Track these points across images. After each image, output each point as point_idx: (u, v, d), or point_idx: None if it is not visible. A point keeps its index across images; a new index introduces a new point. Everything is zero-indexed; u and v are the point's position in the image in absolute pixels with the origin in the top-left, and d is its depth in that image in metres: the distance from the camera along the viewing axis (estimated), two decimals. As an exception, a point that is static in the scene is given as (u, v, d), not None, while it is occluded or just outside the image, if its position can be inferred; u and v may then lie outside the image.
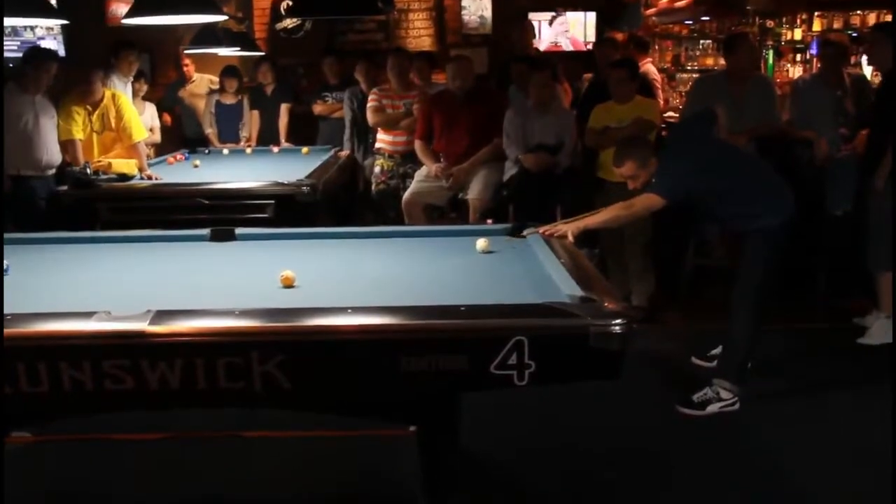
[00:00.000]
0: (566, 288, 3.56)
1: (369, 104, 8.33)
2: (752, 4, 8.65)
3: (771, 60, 9.05)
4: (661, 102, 8.26)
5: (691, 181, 4.80)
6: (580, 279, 3.65)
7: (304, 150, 9.13)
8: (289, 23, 11.90)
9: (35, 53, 7.42)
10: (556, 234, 4.52)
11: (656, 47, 10.19)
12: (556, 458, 4.47)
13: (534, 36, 11.17)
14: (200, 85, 10.36)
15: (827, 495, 4.09)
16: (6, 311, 3.38)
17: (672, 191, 4.78)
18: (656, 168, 4.87)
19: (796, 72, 8.87)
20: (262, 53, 10.51)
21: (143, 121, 8.03)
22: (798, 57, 9.08)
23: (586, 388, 3.39)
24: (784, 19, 8.94)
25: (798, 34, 9.03)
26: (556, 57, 10.70)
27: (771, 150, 6.31)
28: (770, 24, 8.95)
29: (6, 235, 5.07)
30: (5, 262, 4.21)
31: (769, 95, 6.84)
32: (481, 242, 4.32)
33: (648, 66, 8.77)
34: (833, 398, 5.18)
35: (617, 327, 3.17)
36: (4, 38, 11.09)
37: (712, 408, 4.93)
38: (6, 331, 3.25)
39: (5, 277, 4.11)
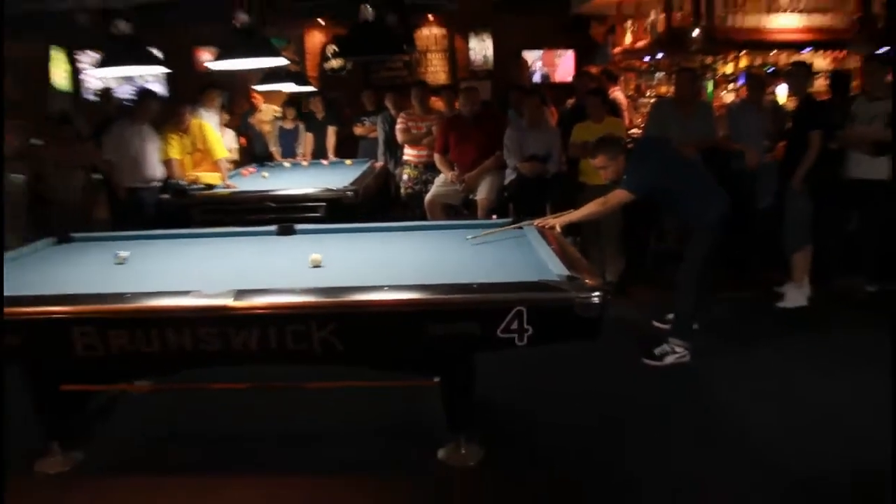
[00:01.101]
0: (556, 268, 3.58)
1: (398, 126, 8.33)
2: (694, 45, 8.62)
3: (710, 89, 9.01)
4: (627, 122, 8.23)
5: (653, 179, 4.79)
6: (566, 261, 3.67)
7: (348, 162, 9.13)
8: (334, 63, 11.94)
9: (139, 93, 7.47)
10: (548, 226, 4.53)
11: (622, 78, 10.14)
12: (549, 401, 4.48)
13: (528, 70, 11.16)
14: (267, 113, 10.36)
15: (756, 420, 4.13)
16: (129, 290, 3.44)
17: (638, 187, 4.77)
18: (623, 164, 4.85)
19: (729, 97, 8.82)
20: (314, 88, 10.50)
21: (225, 143, 8.03)
22: (730, 86, 9.05)
23: (572, 347, 3.41)
24: (719, 56, 8.91)
25: (730, 68, 9.01)
26: (544, 86, 10.69)
27: (713, 159, 6.30)
28: (708, 60, 8.91)
29: (127, 232, 5.15)
30: (126, 252, 4.27)
31: (709, 116, 6.85)
32: (314, 257, 4.07)
33: (617, 93, 8.73)
34: (761, 347, 5.19)
35: (596, 299, 3.21)
36: (124, 85, 11.22)
37: (669, 359, 4.93)
38: (129, 305, 3.31)
39: (126, 265, 4.16)
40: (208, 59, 5.97)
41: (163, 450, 4.03)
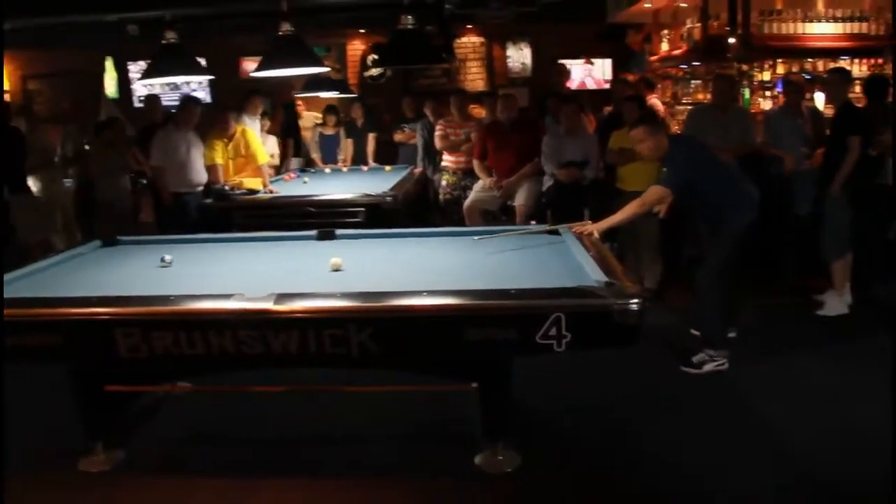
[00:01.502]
0: (594, 274, 3.50)
1: (437, 132, 8.28)
2: (731, 52, 8.48)
3: (747, 95, 8.85)
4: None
5: (687, 173, 4.65)
6: (604, 267, 3.59)
7: (387, 168, 9.10)
8: (374, 71, 11.93)
9: (183, 100, 7.53)
10: (585, 233, 4.43)
11: (659, 85, 10.01)
12: (586, 406, 4.40)
13: (568, 77, 11.05)
14: (308, 120, 10.40)
15: (794, 430, 4.01)
16: (172, 292, 3.42)
17: (675, 182, 4.64)
18: (661, 144, 4.74)
19: (766, 104, 8.66)
20: (355, 95, 10.50)
21: (267, 149, 8.04)
22: (767, 93, 8.89)
23: (610, 352, 3.33)
24: (755, 64, 8.76)
25: (767, 75, 8.86)
26: (583, 93, 10.58)
27: (750, 164, 6.18)
28: (745, 67, 8.75)
29: (171, 236, 5.16)
30: (169, 256, 4.26)
31: (747, 121, 6.74)
32: (334, 261, 4.02)
33: (654, 101, 8.61)
34: (801, 356, 5.06)
35: (634, 305, 3.13)
36: (170, 91, 11.35)
37: (708, 367, 4.80)
38: (172, 308, 3.28)
39: (170, 268, 4.15)
40: (252, 69, 5.96)
41: (203, 450, 4.01)
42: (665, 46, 10.14)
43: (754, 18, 8.41)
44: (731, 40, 8.35)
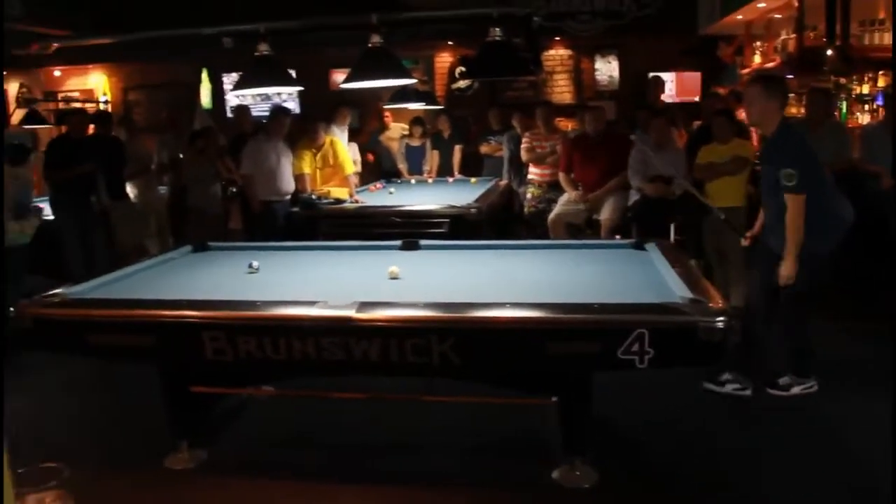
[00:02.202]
0: (679, 291, 3.44)
1: (523, 145, 8.28)
2: (827, 65, 8.20)
3: (844, 109, 8.56)
4: (755, 143, 7.91)
5: (804, 170, 4.35)
6: (690, 284, 3.52)
7: (473, 180, 9.12)
8: (462, 84, 11.97)
9: (274, 111, 7.69)
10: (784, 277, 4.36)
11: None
12: (666, 423, 4.31)
13: (662, 91, 10.91)
14: (395, 131, 10.52)
15: (878, 454, 3.70)
16: (258, 298, 3.50)
17: (800, 186, 4.33)
18: (771, 112, 4.46)
19: (864, 119, 8.35)
20: (441, 107, 10.56)
21: (349, 156, 8.15)
22: (865, 107, 8.56)
23: (693, 370, 3.26)
24: (854, 77, 8.44)
25: (866, 89, 8.52)
26: (675, 107, 10.40)
27: (845, 180, 5.97)
28: (843, 80, 8.45)
29: (260, 243, 5.27)
30: (257, 262, 4.35)
31: (843, 137, 6.52)
32: (392, 269, 4.12)
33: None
34: (888, 384, 4.79)
35: (719, 323, 3.06)
36: (261, 102, 11.64)
37: (795, 390, 4.63)
38: (257, 313, 3.35)
39: (257, 274, 4.24)
40: (341, 81, 6.05)
41: (282, 454, 4.07)
42: (758, 59, 9.91)
43: (854, 29, 8.11)
44: (829, 52, 8.09)
